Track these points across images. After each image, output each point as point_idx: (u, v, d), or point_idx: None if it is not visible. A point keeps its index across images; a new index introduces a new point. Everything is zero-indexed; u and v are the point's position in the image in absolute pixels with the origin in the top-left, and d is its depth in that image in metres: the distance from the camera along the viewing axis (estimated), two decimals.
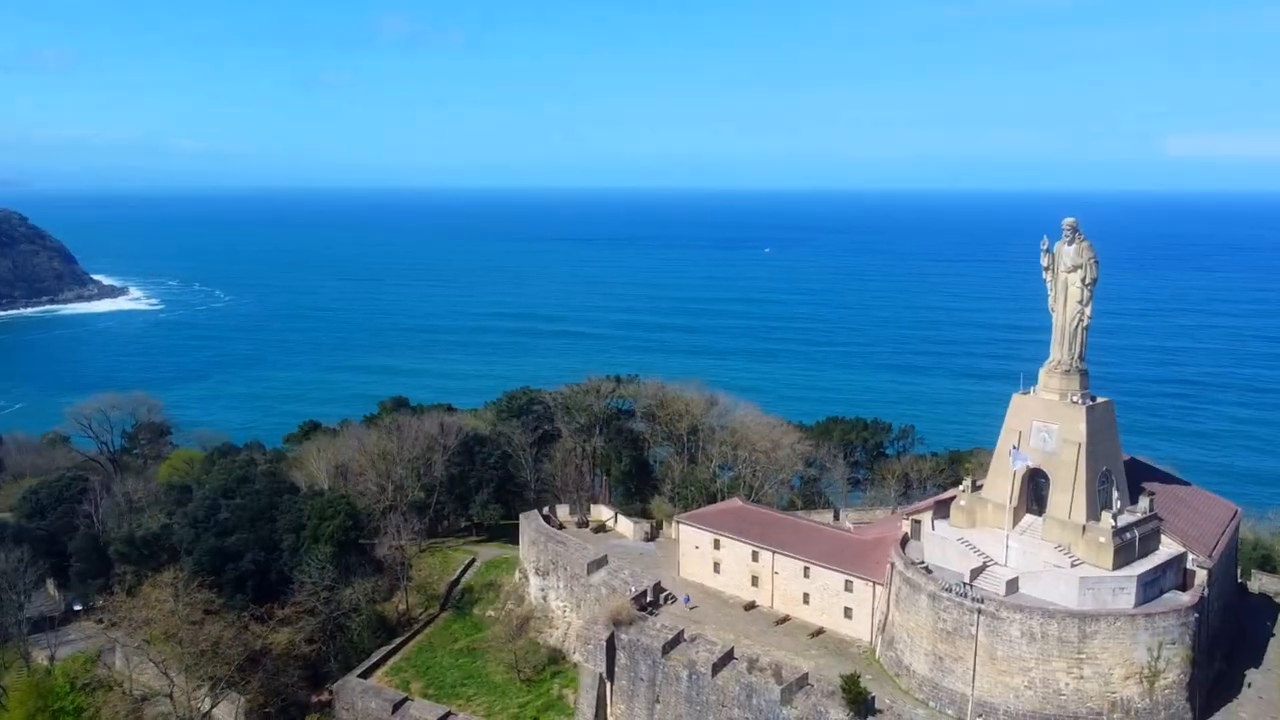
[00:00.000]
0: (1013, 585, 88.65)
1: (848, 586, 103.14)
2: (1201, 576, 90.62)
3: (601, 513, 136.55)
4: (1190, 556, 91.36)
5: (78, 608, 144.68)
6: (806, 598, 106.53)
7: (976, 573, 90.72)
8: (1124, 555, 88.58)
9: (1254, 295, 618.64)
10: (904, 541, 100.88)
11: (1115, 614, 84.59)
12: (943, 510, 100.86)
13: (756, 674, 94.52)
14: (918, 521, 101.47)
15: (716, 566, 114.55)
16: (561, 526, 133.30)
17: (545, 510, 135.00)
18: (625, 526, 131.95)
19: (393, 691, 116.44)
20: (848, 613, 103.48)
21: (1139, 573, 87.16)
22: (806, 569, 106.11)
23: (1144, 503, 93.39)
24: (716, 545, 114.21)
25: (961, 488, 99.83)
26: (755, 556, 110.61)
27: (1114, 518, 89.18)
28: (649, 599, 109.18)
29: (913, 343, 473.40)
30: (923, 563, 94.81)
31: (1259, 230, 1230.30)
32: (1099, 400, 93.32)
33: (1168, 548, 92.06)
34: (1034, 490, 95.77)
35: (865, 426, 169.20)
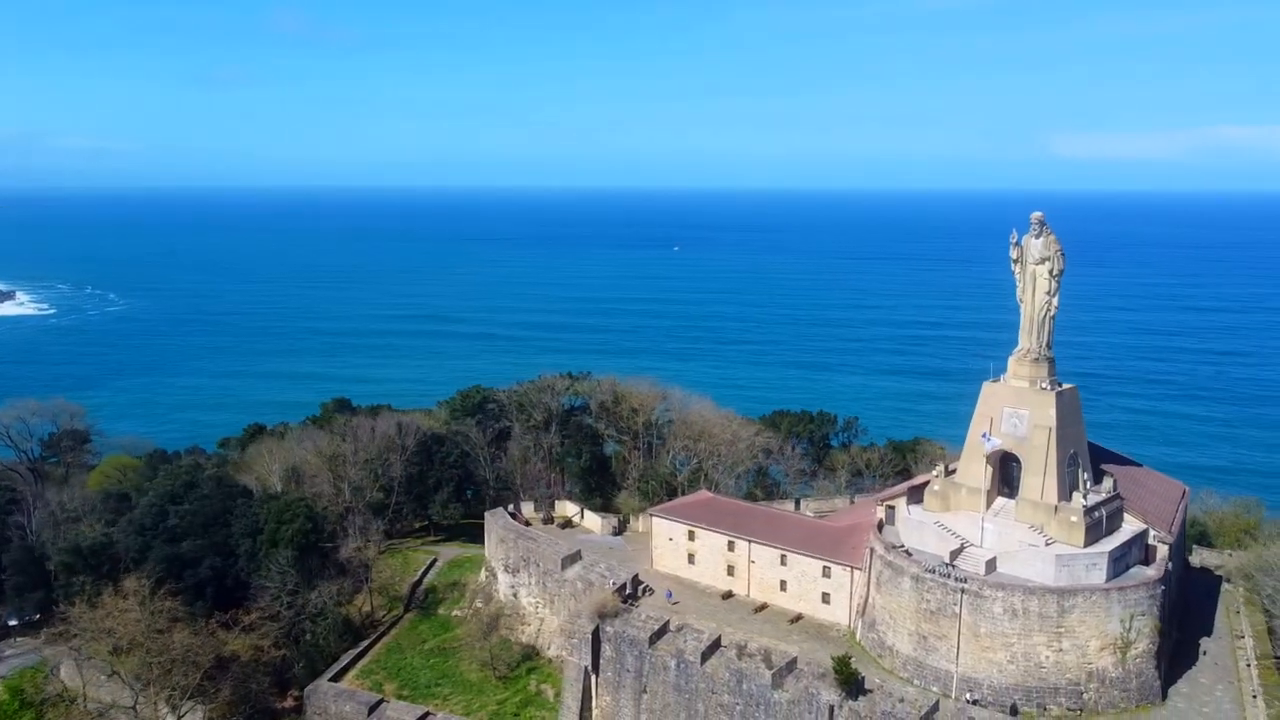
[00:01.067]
0: (991, 565, 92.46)
1: (825, 572, 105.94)
2: (1163, 551, 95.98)
3: (567, 509, 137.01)
4: (1151, 533, 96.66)
5: (13, 622, 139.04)
6: (784, 585, 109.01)
7: (955, 554, 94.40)
8: (1094, 533, 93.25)
9: (1147, 290, 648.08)
10: (879, 527, 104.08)
11: (1090, 589, 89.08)
12: (915, 495, 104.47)
13: (746, 660, 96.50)
14: (891, 507, 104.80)
15: (691, 558, 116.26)
16: (527, 523, 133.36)
17: (511, 508, 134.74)
18: (592, 521, 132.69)
19: (367, 694, 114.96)
20: (825, 598, 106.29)
21: (1109, 549, 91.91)
22: (783, 557, 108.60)
23: (1107, 483, 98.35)
24: (691, 537, 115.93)
25: (935, 473, 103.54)
26: (731, 546, 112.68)
27: (1084, 498, 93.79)
28: (629, 592, 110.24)
29: (821, 339, 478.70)
30: (903, 546, 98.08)
31: (1147, 227, 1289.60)
32: (1065, 386, 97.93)
33: (1130, 525, 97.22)
34: (1004, 474, 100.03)
35: (811, 419, 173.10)
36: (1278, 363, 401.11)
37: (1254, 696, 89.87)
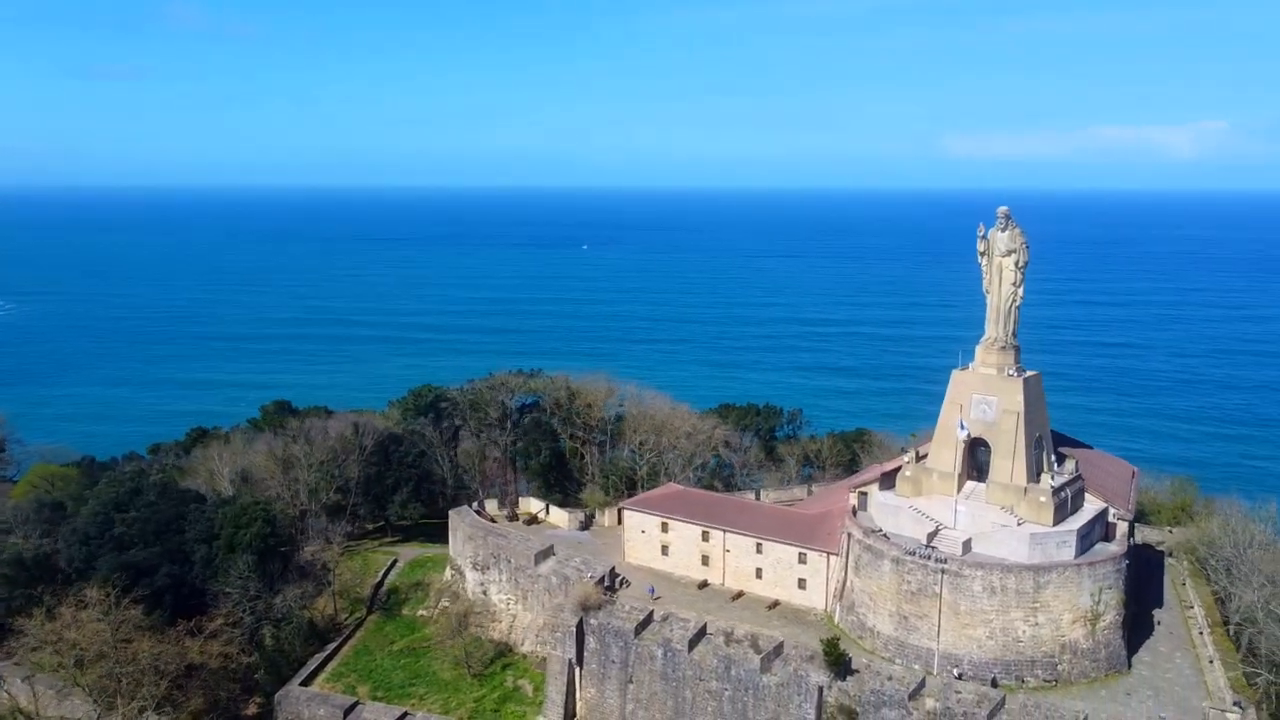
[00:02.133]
0: (967, 546, 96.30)
1: (801, 559, 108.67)
2: (1123, 528, 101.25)
3: (531, 505, 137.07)
4: (1111, 511, 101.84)
5: None
6: (759, 572, 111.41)
7: (932, 536, 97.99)
8: (1061, 513, 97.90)
9: (1039, 285, 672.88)
10: (853, 513, 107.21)
11: (1063, 565, 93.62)
12: (887, 481, 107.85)
13: (734, 646, 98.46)
14: (864, 493, 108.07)
15: (665, 549, 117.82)
16: (492, 521, 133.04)
17: (475, 505, 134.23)
18: (559, 517, 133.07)
19: (340, 697, 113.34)
20: (801, 584, 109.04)
21: (1077, 527, 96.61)
22: (759, 545, 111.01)
23: (1069, 464, 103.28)
24: (664, 528, 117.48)
25: (906, 459, 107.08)
26: (706, 536, 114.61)
27: (1052, 479, 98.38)
28: (607, 584, 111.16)
29: (733, 337, 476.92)
30: (880, 531, 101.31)
31: (1038, 225, 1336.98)
32: (1030, 373, 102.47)
33: (1091, 504, 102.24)
34: (973, 458, 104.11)
35: (758, 412, 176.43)
36: (1161, 354, 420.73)
37: (1210, 662, 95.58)
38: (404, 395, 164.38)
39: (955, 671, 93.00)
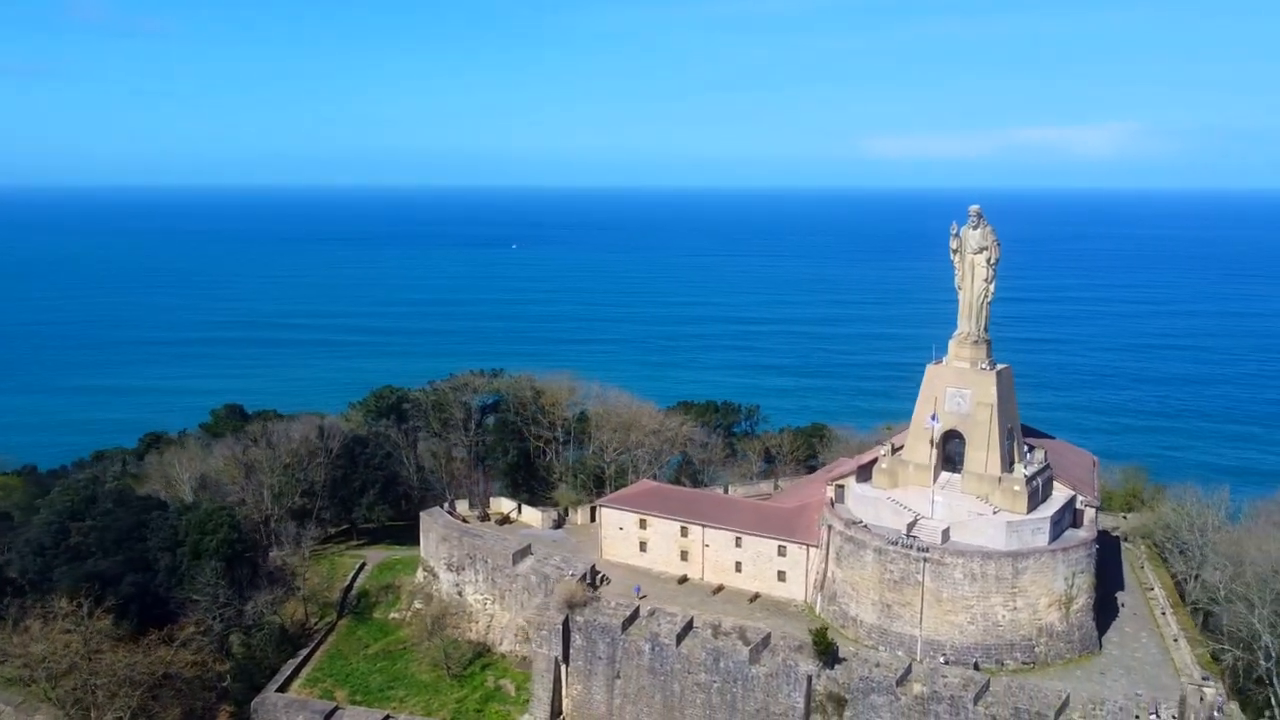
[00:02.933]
0: (946, 535, 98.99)
1: (781, 551, 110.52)
2: (1090, 514, 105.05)
3: (502, 505, 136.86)
4: (1079, 498, 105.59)
5: None
6: (739, 566, 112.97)
7: (911, 526, 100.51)
8: (1033, 501, 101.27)
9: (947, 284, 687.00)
10: (830, 506, 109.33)
11: (1039, 551, 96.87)
12: (863, 474, 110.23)
13: (722, 638, 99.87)
14: (841, 486, 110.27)
15: (643, 545, 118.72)
16: (464, 521, 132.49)
17: (446, 506, 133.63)
18: (532, 516, 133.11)
19: (320, 703, 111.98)
20: (781, 576, 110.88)
21: (1050, 514, 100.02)
22: (739, 539, 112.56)
23: (1038, 454, 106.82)
24: (643, 525, 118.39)
25: (882, 452, 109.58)
26: (685, 532, 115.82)
27: (1025, 469, 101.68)
28: (589, 582, 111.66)
29: (666, 337, 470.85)
30: (860, 522, 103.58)
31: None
32: (1001, 366, 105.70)
33: (1060, 492, 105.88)
34: (946, 450, 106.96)
35: (717, 409, 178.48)
36: (1085, 350, 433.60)
37: (1175, 640, 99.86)
38: (365, 397, 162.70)
39: (943, 658, 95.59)
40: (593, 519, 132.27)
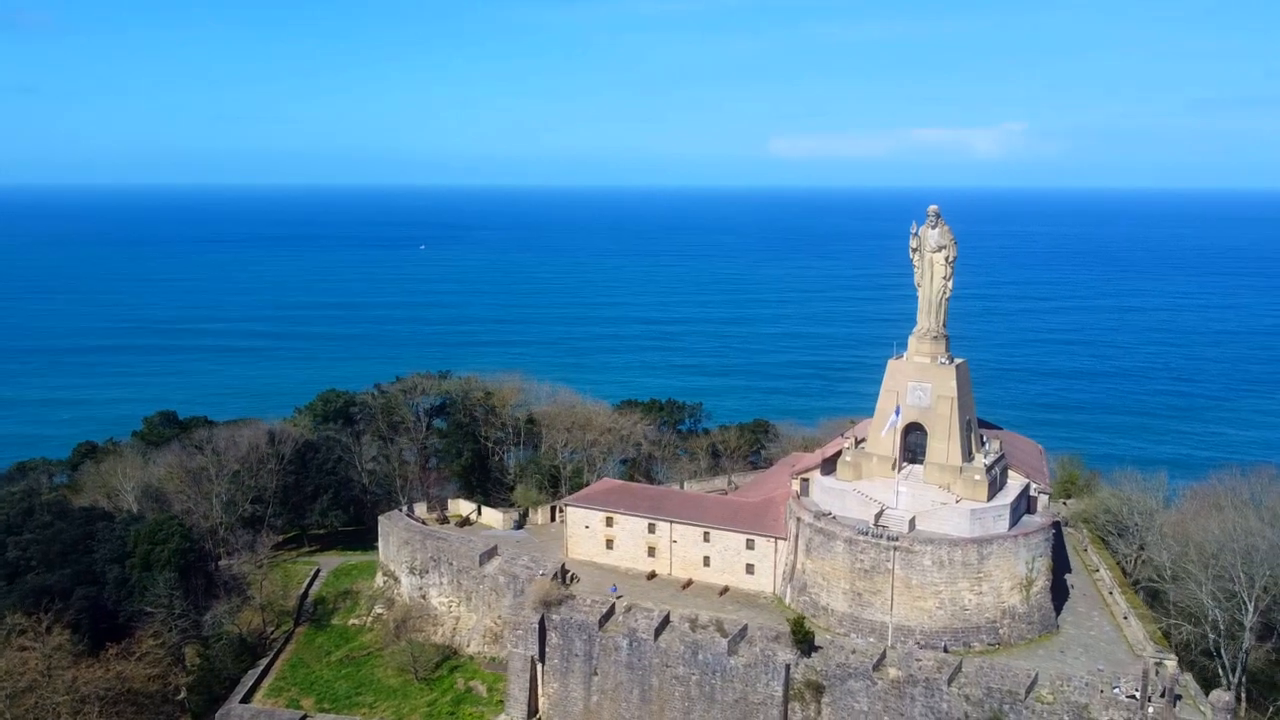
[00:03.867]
0: (912, 524, 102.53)
1: (749, 545, 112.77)
2: (1044, 500, 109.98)
3: (461, 507, 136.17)
4: (1033, 485, 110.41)
5: None
6: (707, 560, 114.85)
7: (878, 517, 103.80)
8: (993, 489, 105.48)
9: (876, 280, 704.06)
10: (796, 499, 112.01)
11: (1002, 537, 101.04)
12: (827, 467, 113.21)
13: (700, 631, 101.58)
14: (806, 479, 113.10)
15: (609, 543, 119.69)
16: (423, 524, 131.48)
17: (405, 510, 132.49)
18: (492, 517, 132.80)
19: (287, 711, 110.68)
20: (750, 569, 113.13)
21: (1009, 501, 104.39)
22: (706, 534, 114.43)
23: (994, 444, 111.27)
24: (609, 523, 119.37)
25: (846, 445, 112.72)
26: (652, 528, 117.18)
27: (985, 458, 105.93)
28: (561, 580, 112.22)
29: (578, 337, 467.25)
30: (830, 513, 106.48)
31: (866, 223, 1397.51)
32: (959, 360, 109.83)
33: (1015, 480, 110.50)
34: (907, 442, 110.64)
35: (661, 407, 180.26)
36: (984, 346, 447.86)
37: (1125, 618, 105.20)
38: (312, 401, 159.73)
39: (913, 641, 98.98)
40: (553, 518, 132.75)
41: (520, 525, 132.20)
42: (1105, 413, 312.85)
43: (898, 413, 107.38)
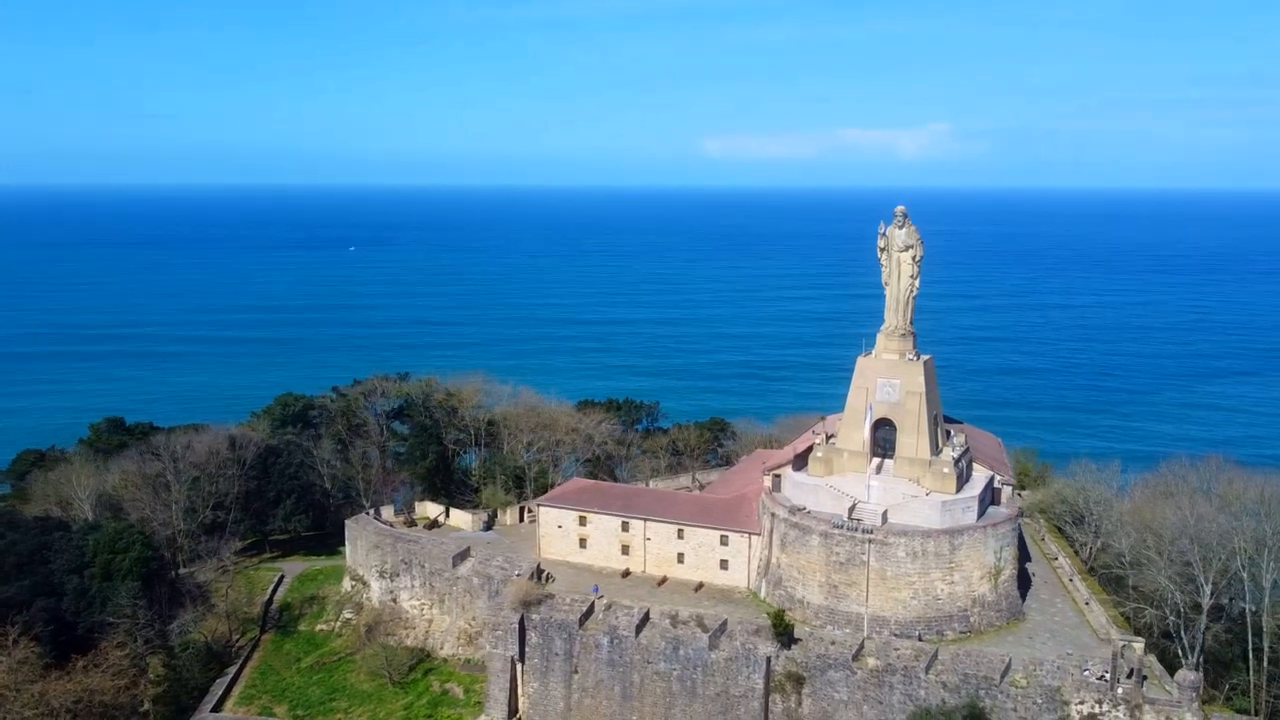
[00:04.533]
0: (884, 517, 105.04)
1: (724, 541, 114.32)
2: (1008, 492, 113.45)
3: (428, 509, 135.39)
4: (997, 477, 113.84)
5: None
6: (681, 557, 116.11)
7: (851, 511, 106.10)
8: (960, 482, 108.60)
9: (809, 280, 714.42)
10: (769, 494, 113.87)
11: (972, 528, 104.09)
12: (798, 463, 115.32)
13: (681, 627, 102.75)
14: (778, 475, 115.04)
15: (583, 542, 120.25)
16: (391, 527, 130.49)
17: (372, 513, 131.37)
18: (461, 519, 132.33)
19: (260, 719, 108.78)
20: (724, 565, 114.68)
21: (976, 493, 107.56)
22: (680, 531, 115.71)
23: (959, 438, 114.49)
24: (582, 522, 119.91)
25: (818, 441, 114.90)
26: (625, 527, 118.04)
27: (953, 451, 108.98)
28: (537, 580, 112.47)
29: (513, 339, 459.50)
30: (804, 508, 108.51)
31: (805, 223, 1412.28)
32: (926, 357, 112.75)
33: (979, 472, 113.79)
34: (876, 437, 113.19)
35: (619, 406, 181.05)
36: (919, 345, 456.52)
37: (1087, 604, 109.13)
38: (270, 405, 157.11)
39: (888, 632, 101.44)
40: (522, 519, 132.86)
41: (489, 526, 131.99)
42: (1032, 409, 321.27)
43: (871, 409, 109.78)
